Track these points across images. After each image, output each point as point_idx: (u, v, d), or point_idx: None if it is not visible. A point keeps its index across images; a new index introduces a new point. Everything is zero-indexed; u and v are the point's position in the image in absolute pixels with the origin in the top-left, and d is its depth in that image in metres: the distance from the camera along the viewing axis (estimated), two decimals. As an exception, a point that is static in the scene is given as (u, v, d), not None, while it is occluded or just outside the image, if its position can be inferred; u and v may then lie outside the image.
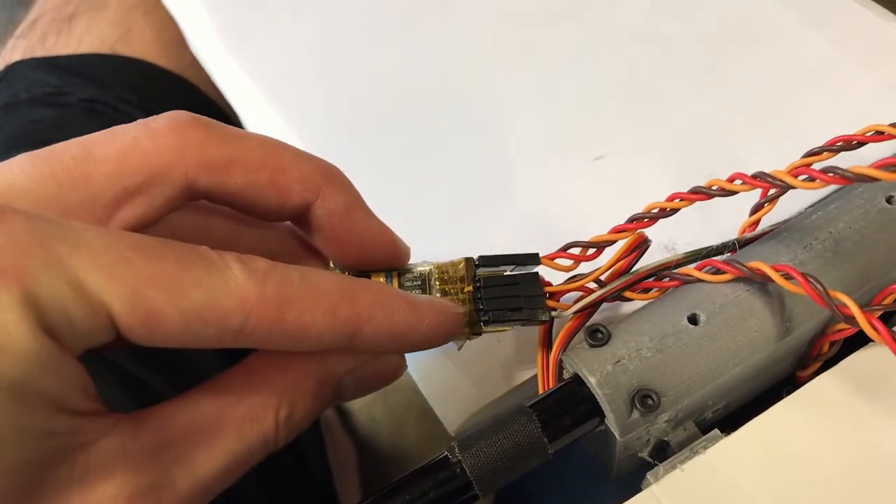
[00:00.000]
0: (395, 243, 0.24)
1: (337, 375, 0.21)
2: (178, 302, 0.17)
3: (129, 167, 0.20)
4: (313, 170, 0.22)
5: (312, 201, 0.22)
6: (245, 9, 0.39)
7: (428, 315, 0.21)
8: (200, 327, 0.18)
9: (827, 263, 0.23)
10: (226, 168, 0.21)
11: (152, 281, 0.17)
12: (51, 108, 0.43)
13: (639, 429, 0.22)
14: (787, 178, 0.22)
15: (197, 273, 0.18)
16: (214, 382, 0.21)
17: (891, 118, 0.31)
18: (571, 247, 0.25)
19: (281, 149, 0.22)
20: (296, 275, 0.19)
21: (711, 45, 0.35)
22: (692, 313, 0.23)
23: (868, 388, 0.23)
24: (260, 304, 0.18)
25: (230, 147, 0.21)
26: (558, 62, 0.35)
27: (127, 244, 0.18)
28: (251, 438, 0.20)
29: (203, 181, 0.21)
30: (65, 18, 0.48)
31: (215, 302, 0.18)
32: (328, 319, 0.19)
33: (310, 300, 0.19)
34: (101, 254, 0.17)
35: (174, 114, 0.21)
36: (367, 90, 0.36)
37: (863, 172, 0.20)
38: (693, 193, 0.24)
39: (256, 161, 0.22)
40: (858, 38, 0.33)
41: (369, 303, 0.20)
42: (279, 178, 0.22)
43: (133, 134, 0.21)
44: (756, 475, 0.22)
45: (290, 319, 0.19)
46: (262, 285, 0.18)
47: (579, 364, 0.22)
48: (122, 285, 0.17)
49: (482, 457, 0.21)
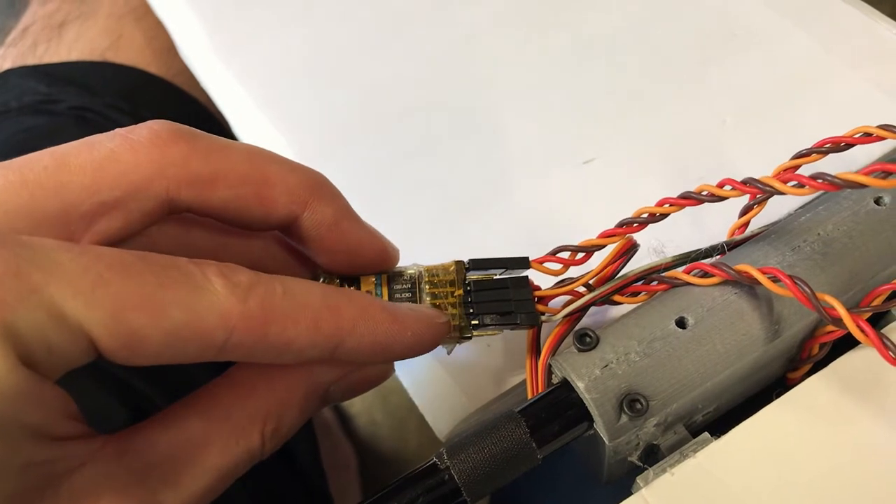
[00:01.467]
0: (384, 250, 0.24)
1: (324, 385, 0.21)
2: (158, 322, 0.17)
3: (105, 180, 0.20)
4: (299, 182, 0.22)
5: (299, 214, 0.22)
6: (235, 15, 0.39)
7: (411, 327, 0.21)
8: (182, 345, 0.18)
9: (815, 266, 0.23)
10: (209, 183, 0.21)
11: (132, 303, 0.17)
12: (41, 117, 0.43)
13: (628, 433, 0.22)
14: (776, 185, 0.22)
15: (177, 291, 0.18)
16: (199, 397, 0.20)
17: (880, 119, 0.31)
18: (560, 251, 0.25)
19: (266, 160, 0.22)
20: (279, 288, 0.19)
21: (700, 48, 0.35)
22: (680, 317, 0.23)
23: (858, 389, 0.23)
24: (243, 319, 0.18)
25: (213, 161, 0.21)
26: (547, 67, 0.35)
27: (104, 264, 0.17)
28: (237, 454, 0.20)
29: (185, 196, 0.20)
30: (55, 26, 0.48)
31: (197, 320, 0.18)
32: (311, 334, 0.19)
33: (293, 314, 0.19)
34: (78, 278, 0.17)
35: (155, 125, 0.21)
36: (356, 96, 0.36)
37: (852, 179, 0.20)
38: (683, 199, 0.24)
39: (241, 175, 0.21)
40: (848, 39, 0.33)
41: (352, 316, 0.20)
42: (264, 191, 0.21)
43: (111, 146, 0.20)
44: (747, 478, 0.22)
45: (273, 334, 0.19)
46: (244, 300, 0.18)
47: (567, 369, 0.22)
48: (102, 310, 0.17)
49: (470, 463, 0.21)
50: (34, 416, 0.17)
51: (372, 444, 0.81)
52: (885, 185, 0.20)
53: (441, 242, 0.30)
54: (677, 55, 0.35)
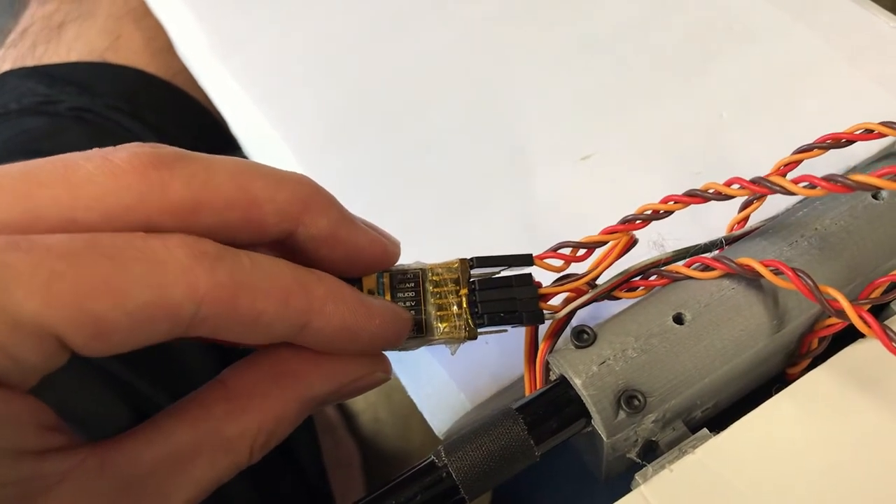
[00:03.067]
0: (385, 250, 0.23)
1: (320, 398, 0.21)
2: (123, 304, 0.16)
3: (80, 200, 0.18)
4: (289, 197, 0.20)
5: (293, 230, 0.21)
6: (233, 15, 0.39)
7: (379, 314, 0.21)
8: (152, 325, 0.17)
9: (813, 260, 0.23)
10: (192, 211, 0.19)
11: (91, 291, 0.16)
12: (41, 118, 0.43)
13: (626, 430, 0.22)
14: (787, 185, 0.22)
15: (137, 268, 0.17)
16: (188, 406, 0.20)
17: (880, 114, 0.31)
18: (562, 247, 0.25)
19: (252, 177, 0.20)
20: (246, 260, 0.18)
21: (698, 42, 0.34)
22: (677, 313, 0.23)
23: (859, 382, 0.23)
24: (211, 290, 0.17)
25: (196, 187, 0.19)
26: (545, 63, 0.35)
27: (55, 255, 0.16)
28: (224, 466, 0.19)
29: (168, 225, 0.19)
30: (54, 27, 0.48)
31: (163, 295, 0.17)
32: (280, 308, 0.19)
33: (263, 287, 0.18)
34: (29, 276, 0.16)
35: (135, 150, 0.19)
36: (355, 94, 0.36)
37: (864, 181, 0.20)
38: (688, 196, 0.24)
39: (225, 199, 0.19)
40: (848, 34, 0.33)
41: (322, 295, 0.19)
42: (252, 213, 0.20)
43: (89, 167, 0.18)
44: (746, 473, 0.22)
45: (242, 306, 0.18)
46: (212, 270, 0.17)
47: (565, 365, 0.22)
48: (61, 305, 0.16)
49: (468, 460, 0.21)
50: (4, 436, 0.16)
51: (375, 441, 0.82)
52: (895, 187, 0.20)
53: (441, 239, 0.30)
54: (676, 50, 0.34)
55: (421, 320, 0.23)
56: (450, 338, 0.23)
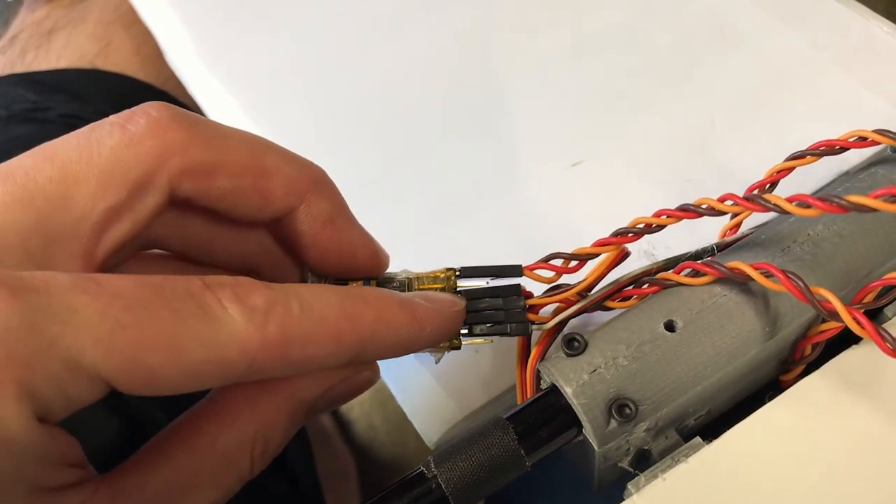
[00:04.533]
0: (376, 253, 0.24)
1: (309, 401, 0.21)
2: (177, 361, 0.17)
3: (112, 184, 0.19)
4: (298, 174, 0.21)
5: (296, 207, 0.21)
6: (221, 21, 0.39)
7: (429, 323, 0.21)
8: (202, 379, 0.17)
9: (805, 266, 0.23)
10: (209, 173, 0.20)
11: (150, 345, 0.16)
12: (30, 125, 0.43)
13: (617, 438, 0.22)
14: (782, 204, 0.21)
15: (194, 326, 0.17)
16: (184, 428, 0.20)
17: (870, 118, 0.31)
18: (553, 258, 0.25)
19: (266, 150, 0.21)
20: (295, 305, 0.18)
21: (688, 47, 0.34)
22: (669, 320, 0.23)
23: (853, 389, 0.23)
24: (263, 347, 0.17)
25: (214, 149, 0.20)
26: (535, 69, 0.35)
27: (120, 306, 0.16)
28: (229, 482, 0.19)
29: (185, 187, 0.20)
30: (44, 33, 0.48)
31: (216, 353, 0.17)
32: (332, 348, 0.19)
33: (313, 333, 0.18)
34: (95, 325, 0.16)
35: (153, 111, 0.20)
36: (343, 100, 0.35)
37: (861, 203, 0.20)
38: (681, 211, 0.24)
39: (241, 165, 0.20)
40: (837, 37, 0.33)
41: (371, 322, 0.19)
42: (263, 182, 0.21)
43: (111, 143, 0.19)
44: (740, 482, 0.22)
45: (294, 355, 0.18)
46: (263, 327, 0.17)
47: (555, 374, 0.22)
48: (121, 357, 0.16)
49: (458, 471, 0.21)
50: (36, 471, 0.16)
51: (371, 449, 0.81)
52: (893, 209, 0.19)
53: (430, 246, 0.30)
54: (666, 55, 0.34)
55: None
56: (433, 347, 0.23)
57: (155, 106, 0.20)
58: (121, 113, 0.20)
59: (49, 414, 0.16)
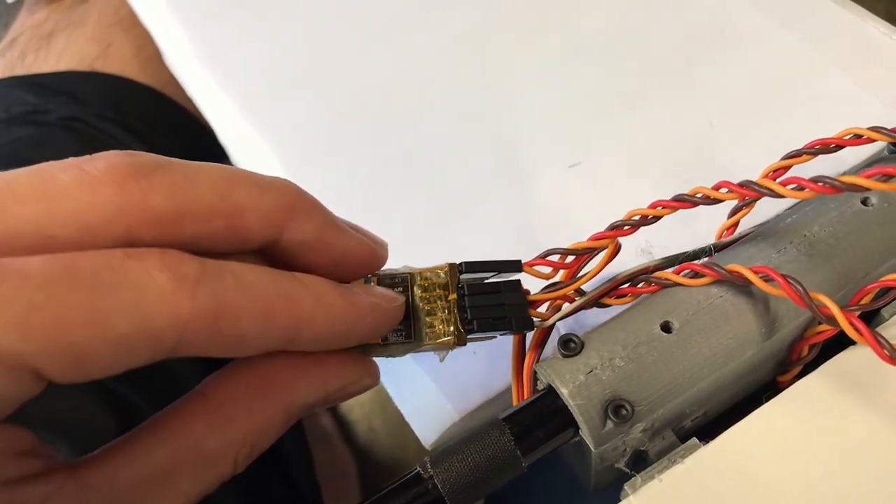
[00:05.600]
0: (373, 253, 0.23)
1: (306, 406, 0.21)
2: (103, 335, 0.16)
3: (57, 216, 0.17)
4: (273, 204, 0.20)
5: (278, 237, 0.20)
6: (220, 24, 0.39)
7: (369, 313, 0.20)
8: (132, 353, 0.16)
9: (802, 267, 0.23)
10: (174, 222, 0.18)
11: (70, 322, 0.15)
12: (30, 127, 0.43)
13: (614, 439, 0.22)
14: (774, 187, 0.21)
15: (117, 296, 0.16)
16: (170, 420, 0.19)
17: (867, 118, 0.30)
18: (551, 254, 0.25)
19: (235, 184, 0.19)
20: (229, 278, 0.18)
21: (687, 49, 0.34)
22: (665, 321, 0.23)
23: (850, 390, 0.23)
24: (194, 315, 0.17)
25: (177, 197, 0.18)
26: (533, 70, 0.35)
27: (32, 286, 0.15)
28: (207, 479, 0.19)
29: (148, 236, 0.18)
30: (44, 36, 0.48)
31: (144, 324, 0.16)
32: (265, 326, 0.18)
33: (246, 307, 0.18)
34: (6, 308, 0.15)
35: (113, 157, 0.18)
36: (342, 102, 0.35)
37: (853, 182, 0.20)
38: (676, 201, 0.24)
39: (208, 208, 0.19)
40: (834, 39, 0.33)
41: (309, 306, 0.19)
42: (236, 222, 0.19)
43: (65, 179, 0.18)
44: (737, 483, 0.22)
45: (225, 329, 0.17)
46: (193, 296, 0.17)
47: (552, 375, 0.22)
48: (39, 338, 0.15)
49: (454, 472, 0.21)
50: None
51: (371, 450, 0.81)
52: (886, 188, 0.20)
53: (429, 246, 0.30)
54: (664, 57, 0.34)
55: (410, 324, 0.22)
56: (438, 344, 0.22)
57: (116, 154, 0.19)
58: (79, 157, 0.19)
59: None
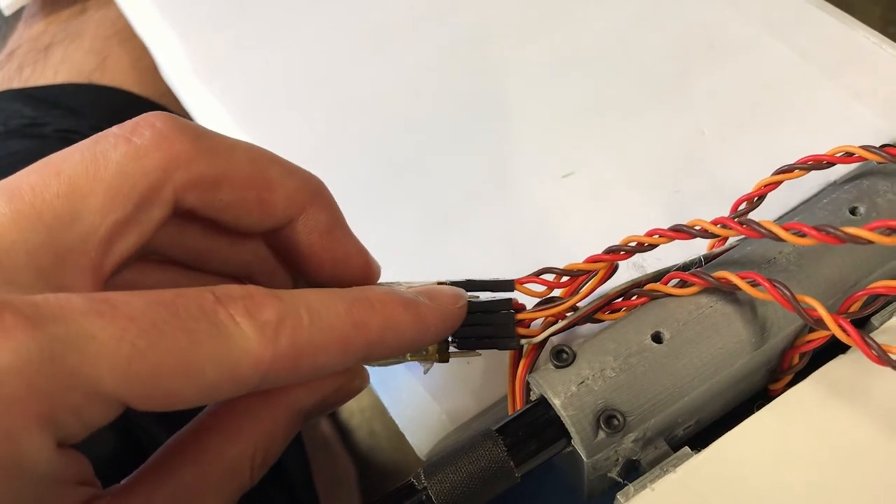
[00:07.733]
0: (369, 265, 0.24)
1: (306, 409, 0.21)
2: (194, 381, 0.17)
3: (118, 198, 0.19)
4: (299, 186, 0.22)
5: (295, 218, 0.22)
6: (215, 36, 0.39)
7: (434, 324, 0.21)
8: (217, 394, 0.18)
9: (792, 276, 0.23)
10: (214, 185, 0.20)
11: (168, 369, 0.17)
12: (27, 140, 0.43)
13: (606, 449, 0.22)
14: (778, 231, 0.21)
15: (209, 346, 0.17)
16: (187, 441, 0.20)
17: (857, 128, 0.31)
18: (545, 272, 0.25)
19: (269, 162, 0.21)
20: (305, 316, 0.19)
21: (678, 60, 0.35)
22: (656, 331, 0.23)
23: (841, 398, 0.23)
24: (275, 361, 0.18)
25: (219, 162, 0.20)
26: (525, 81, 0.35)
27: (137, 330, 0.16)
28: (231, 493, 0.20)
29: (190, 199, 0.20)
30: (41, 49, 0.48)
31: (231, 371, 0.17)
32: (341, 356, 0.19)
33: (322, 343, 0.19)
34: (113, 353, 0.16)
35: (158, 122, 0.20)
36: (337, 115, 0.36)
37: (856, 234, 0.20)
38: (674, 231, 0.24)
39: (245, 177, 0.21)
40: (825, 48, 0.33)
41: (378, 328, 0.20)
42: (265, 195, 0.21)
43: (116, 157, 0.19)
44: (729, 491, 0.22)
45: (304, 366, 0.18)
46: (275, 342, 0.18)
47: (544, 386, 0.22)
48: (139, 382, 0.16)
49: (448, 483, 0.21)
50: (55, 494, 0.16)
51: (372, 456, 0.81)
52: (888, 241, 0.20)
53: (421, 258, 0.30)
54: (656, 67, 0.35)
55: None
56: (421, 357, 0.23)
57: (159, 117, 0.20)
58: (124, 124, 0.20)
59: (67, 438, 0.16)
